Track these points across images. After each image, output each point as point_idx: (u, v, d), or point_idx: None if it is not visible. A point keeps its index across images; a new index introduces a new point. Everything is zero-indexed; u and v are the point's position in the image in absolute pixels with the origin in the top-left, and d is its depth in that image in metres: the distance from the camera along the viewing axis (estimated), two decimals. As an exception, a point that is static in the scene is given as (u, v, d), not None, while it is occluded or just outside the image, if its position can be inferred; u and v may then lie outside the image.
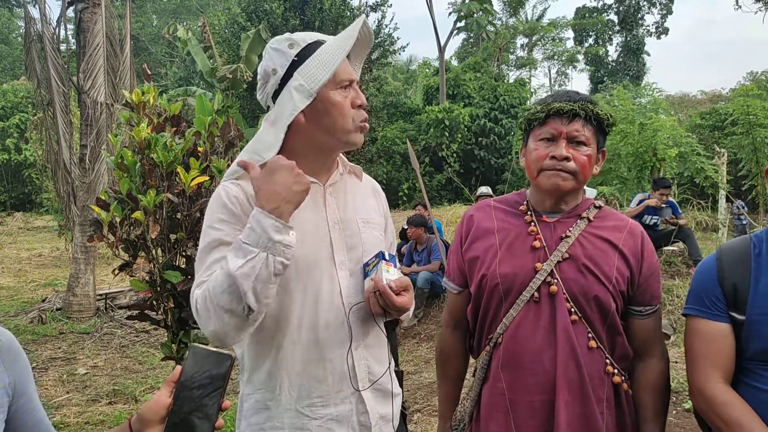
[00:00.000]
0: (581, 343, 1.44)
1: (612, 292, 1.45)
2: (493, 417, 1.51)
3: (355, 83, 1.41)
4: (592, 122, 1.48)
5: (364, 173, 1.59)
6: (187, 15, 34.66)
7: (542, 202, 1.56)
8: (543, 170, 1.48)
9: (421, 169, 16.42)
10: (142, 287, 3.17)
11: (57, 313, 6.98)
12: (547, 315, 1.46)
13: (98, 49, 6.89)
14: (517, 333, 1.47)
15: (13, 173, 21.71)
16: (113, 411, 4.24)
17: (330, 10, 17.15)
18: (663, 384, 1.51)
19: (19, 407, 1.08)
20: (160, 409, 0.91)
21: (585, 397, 1.43)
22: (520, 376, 1.47)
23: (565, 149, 1.46)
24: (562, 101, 1.49)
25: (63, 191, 7.35)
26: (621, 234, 1.51)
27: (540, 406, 1.44)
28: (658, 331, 1.55)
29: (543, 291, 1.46)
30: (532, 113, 1.53)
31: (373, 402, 1.41)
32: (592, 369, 1.45)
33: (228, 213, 1.32)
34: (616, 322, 1.48)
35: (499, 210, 1.62)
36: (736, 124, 11.62)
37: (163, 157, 3.11)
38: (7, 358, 1.07)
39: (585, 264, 1.46)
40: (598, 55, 36.01)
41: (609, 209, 1.61)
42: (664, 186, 6.95)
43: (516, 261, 1.50)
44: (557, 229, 1.52)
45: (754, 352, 1.35)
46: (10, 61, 33.51)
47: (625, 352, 1.51)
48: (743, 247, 1.41)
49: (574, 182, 1.48)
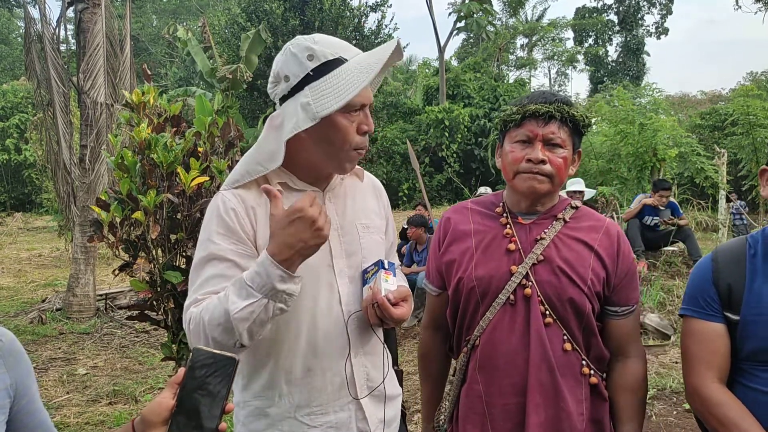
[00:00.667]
0: (555, 346, 1.44)
1: (587, 294, 1.44)
2: (469, 418, 1.51)
3: (367, 107, 1.33)
4: (568, 124, 1.47)
5: (366, 172, 1.56)
6: (187, 15, 34.67)
7: (518, 204, 1.55)
8: (519, 173, 1.47)
9: (421, 169, 16.42)
10: (143, 287, 3.17)
11: (57, 313, 6.98)
12: (521, 318, 1.46)
13: (98, 50, 6.89)
14: (493, 335, 1.47)
15: (13, 173, 21.71)
16: (113, 411, 4.24)
17: (330, 10, 17.16)
18: (639, 384, 1.51)
19: (21, 408, 1.08)
20: (162, 411, 0.91)
21: (558, 399, 1.43)
22: (496, 378, 1.47)
23: (541, 152, 1.45)
24: (538, 103, 1.47)
25: (63, 191, 7.35)
26: (597, 234, 1.51)
27: (514, 408, 1.45)
28: (636, 332, 1.55)
29: (518, 293, 1.46)
30: (508, 115, 1.52)
31: (371, 408, 1.41)
32: (567, 371, 1.44)
33: (224, 227, 1.29)
34: (592, 323, 1.48)
35: (475, 212, 1.61)
36: (736, 125, 11.63)
37: (164, 158, 3.11)
38: (9, 360, 1.07)
39: (559, 266, 1.45)
40: (597, 55, 36.04)
41: (587, 209, 1.60)
42: (664, 188, 6.95)
43: (491, 264, 1.50)
44: (533, 230, 1.51)
45: (748, 352, 1.35)
46: (10, 61, 33.52)
47: (600, 354, 1.50)
48: (739, 248, 1.42)
49: (550, 185, 1.47)
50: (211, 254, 1.28)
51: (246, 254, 1.30)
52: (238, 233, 1.29)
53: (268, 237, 1.23)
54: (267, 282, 1.15)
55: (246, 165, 1.37)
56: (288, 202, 1.35)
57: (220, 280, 1.26)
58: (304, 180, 1.40)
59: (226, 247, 1.28)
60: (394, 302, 1.31)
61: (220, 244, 1.28)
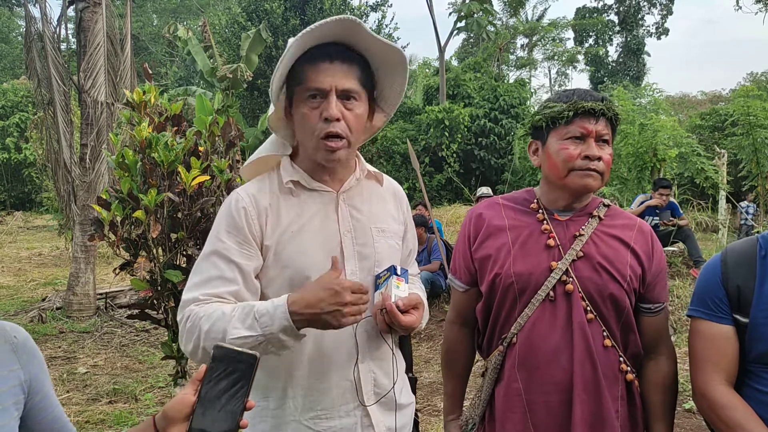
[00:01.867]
0: (597, 342, 1.44)
1: (626, 290, 1.45)
2: (509, 417, 1.49)
3: (332, 93, 1.27)
4: (613, 122, 1.49)
5: (387, 177, 1.54)
6: (187, 15, 34.65)
7: (555, 201, 1.54)
8: (574, 170, 1.45)
9: (421, 169, 16.42)
10: (143, 286, 3.17)
11: (57, 312, 6.98)
12: (563, 314, 1.45)
13: (99, 49, 6.89)
14: (532, 332, 1.46)
15: (13, 172, 21.68)
16: (113, 410, 4.24)
17: (330, 10, 17.16)
18: (671, 382, 1.52)
19: (35, 404, 1.09)
20: (184, 408, 0.92)
21: (600, 395, 1.43)
22: (537, 376, 1.46)
23: (597, 148, 1.45)
24: (588, 100, 1.46)
25: (63, 190, 7.35)
26: (632, 232, 1.51)
27: (558, 405, 1.44)
28: (666, 329, 1.55)
29: (558, 290, 1.45)
30: (558, 111, 1.48)
31: (379, 415, 1.39)
32: (606, 367, 1.44)
33: (233, 225, 1.31)
34: (631, 320, 1.48)
35: (508, 208, 1.59)
36: (736, 125, 11.60)
37: (164, 157, 3.12)
38: (23, 356, 1.08)
39: (600, 262, 1.45)
40: (598, 55, 36.00)
41: (616, 207, 1.60)
42: (664, 186, 6.96)
43: (530, 259, 1.48)
44: (570, 227, 1.51)
45: (757, 354, 1.34)
46: (11, 60, 33.49)
47: (636, 350, 1.51)
48: (749, 249, 1.39)
49: (601, 181, 1.48)
50: (215, 250, 1.30)
51: (249, 255, 1.31)
52: (244, 232, 1.30)
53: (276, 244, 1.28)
54: (272, 326, 1.16)
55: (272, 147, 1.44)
56: (301, 200, 1.37)
57: (222, 283, 1.28)
58: (316, 179, 1.39)
59: (231, 246, 1.29)
60: (403, 309, 1.29)
61: (225, 242, 1.30)
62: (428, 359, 5.40)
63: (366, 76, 1.34)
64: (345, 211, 1.40)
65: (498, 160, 19.20)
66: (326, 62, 1.27)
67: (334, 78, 1.27)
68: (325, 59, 1.27)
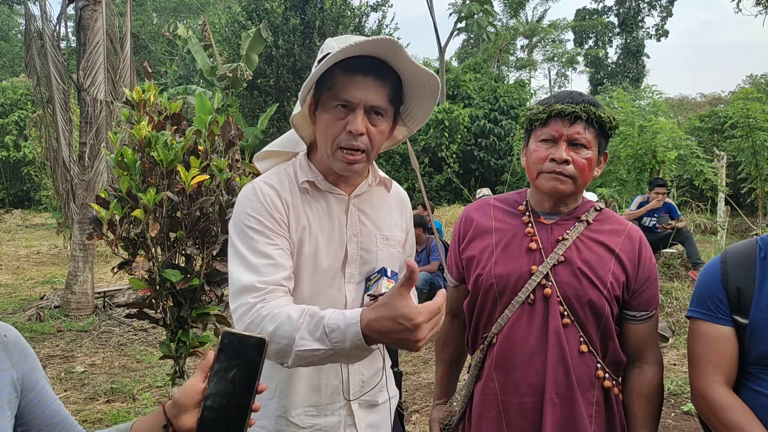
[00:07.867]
0: (572, 347, 1.44)
1: (606, 297, 1.44)
2: (485, 416, 1.51)
3: (360, 108, 1.26)
4: (594, 125, 1.47)
5: (395, 183, 1.55)
6: (187, 13, 34.62)
7: (541, 203, 1.55)
8: (542, 172, 1.47)
9: (421, 169, 16.43)
10: (141, 285, 3.17)
11: (55, 310, 6.96)
12: (540, 318, 1.46)
13: (98, 47, 6.88)
14: (510, 334, 1.48)
15: (11, 170, 21.65)
16: (111, 409, 4.24)
17: (331, 10, 17.13)
18: (655, 391, 1.50)
19: (30, 401, 1.09)
20: (195, 395, 0.92)
21: (573, 400, 1.43)
22: (513, 378, 1.47)
23: (565, 152, 1.44)
24: (564, 103, 1.47)
25: (62, 189, 7.33)
26: (619, 238, 1.50)
27: (531, 407, 1.45)
28: (654, 337, 1.54)
29: (538, 293, 1.46)
30: (534, 113, 1.51)
31: (360, 413, 1.42)
32: (581, 373, 1.44)
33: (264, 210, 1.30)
34: (610, 326, 1.47)
35: (498, 209, 1.61)
36: (735, 127, 11.62)
37: (164, 156, 3.11)
38: (14, 354, 1.08)
39: (580, 267, 1.45)
40: (597, 57, 36.06)
41: (610, 212, 1.60)
42: (659, 185, 6.99)
43: (512, 262, 1.50)
44: (554, 231, 1.51)
45: (757, 356, 1.34)
46: (10, 58, 33.46)
47: (617, 358, 1.50)
48: (749, 251, 1.39)
49: (573, 186, 1.47)
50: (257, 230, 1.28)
51: (286, 238, 1.31)
52: (277, 218, 1.30)
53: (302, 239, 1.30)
54: (343, 341, 1.10)
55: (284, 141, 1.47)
56: (315, 200, 1.38)
57: (275, 270, 1.24)
58: (330, 181, 1.40)
59: (270, 229, 1.29)
60: None
61: (264, 223, 1.29)
62: (427, 360, 5.39)
63: (395, 93, 1.33)
64: (354, 215, 1.42)
65: (497, 161, 19.22)
66: (360, 75, 1.25)
67: (366, 93, 1.26)
68: (359, 72, 1.25)
